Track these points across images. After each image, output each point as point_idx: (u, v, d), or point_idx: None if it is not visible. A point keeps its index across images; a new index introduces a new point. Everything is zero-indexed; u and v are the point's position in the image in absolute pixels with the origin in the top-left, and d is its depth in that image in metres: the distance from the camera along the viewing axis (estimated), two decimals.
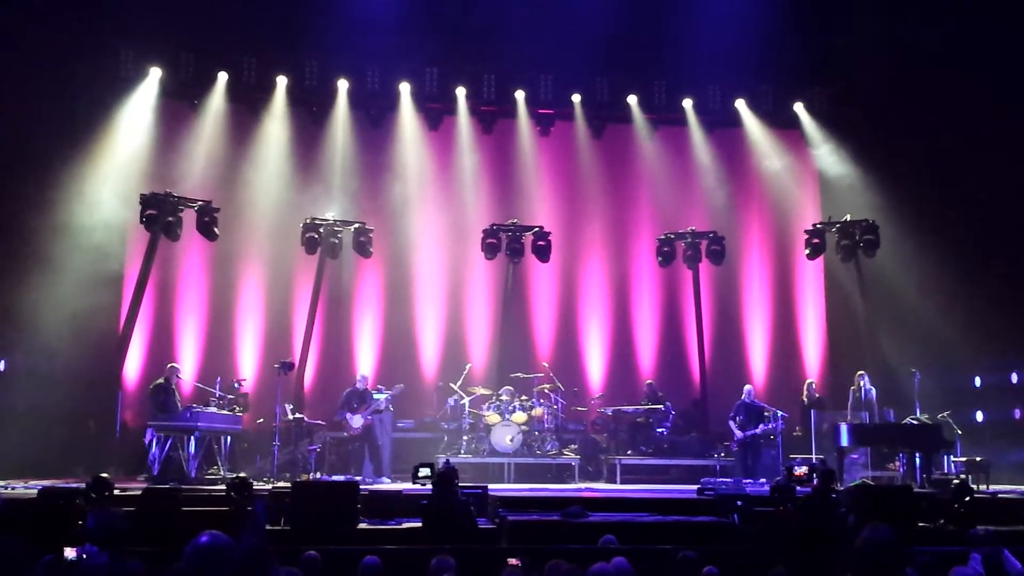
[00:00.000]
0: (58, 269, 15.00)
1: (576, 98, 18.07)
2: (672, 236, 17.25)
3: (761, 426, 14.87)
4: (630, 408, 15.95)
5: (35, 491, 9.45)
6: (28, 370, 14.95)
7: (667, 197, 18.36)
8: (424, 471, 10.26)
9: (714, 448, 15.65)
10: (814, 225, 17.10)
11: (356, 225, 16.57)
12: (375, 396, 14.76)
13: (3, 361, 14.90)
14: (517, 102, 18.02)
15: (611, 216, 18.58)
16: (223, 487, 10.27)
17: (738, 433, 14.94)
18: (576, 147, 18.51)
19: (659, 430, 15.78)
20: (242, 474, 10.61)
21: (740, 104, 18.27)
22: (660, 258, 17.32)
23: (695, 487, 12.16)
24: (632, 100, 18.11)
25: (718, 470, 14.79)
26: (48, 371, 14.89)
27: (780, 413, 15.05)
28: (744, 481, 12.69)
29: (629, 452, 15.52)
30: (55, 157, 15.10)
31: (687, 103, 18.25)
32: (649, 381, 16.76)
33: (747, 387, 15.53)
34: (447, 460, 10.21)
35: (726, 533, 9.72)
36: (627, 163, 18.66)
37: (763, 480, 13.63)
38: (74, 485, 10.12)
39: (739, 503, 10.07)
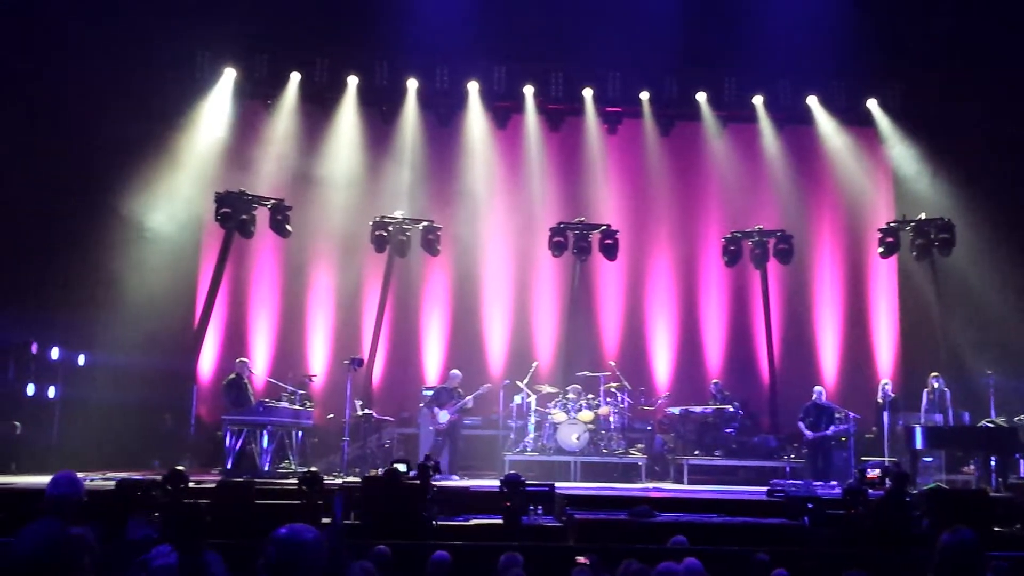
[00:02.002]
0: (136, 266, 15.46)
1: (644, 96, 17.94)
2: (739, 235, 17.07)
3: (832, 427, 14.66)
4: (698, 408, 15.82)
5: (113, 482, 9.70)
6: (107, 364, 15.35)
7: (736, 195, 18.17)
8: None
9: (783, 449, 15.42)
10: (888, 223, 16.76)
11: (424, 223, 16.69)
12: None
13: (83, 355, 15.33)
14: (585, 100, 17.95)
15: (679, 214, 18.45)
16: (295, 481, 10.44)
17: (808, 434, 14.74)
18: (644, 145, 18.39)
19: (727, 431, 15.63)
20: (313, 468, 10.78)
21: (812, 101, 17.97)
22: (726, 257, 17.17)
23: (764, 489, 12.04)
24: (701, 97, 17.92)
25: (788, 472, 14.59)
26: (126, 365, 15.26)
27: (852, 414, 14.81)
28: (815, 483, 12.54)
29: (696, 452, 15.40)
30: (134, 157, 15.48)
31: (757, 100, 17.99)
32: (715, 381, 16.62)
33: (817, 388, 15.30)
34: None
35: (796, 536, 9.61)
36: (695, 161, 18.50)
37: (834, 482, 13.41)
38: (151, 477, 10.37)
39: (810, 505, 9.96)
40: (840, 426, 14.67)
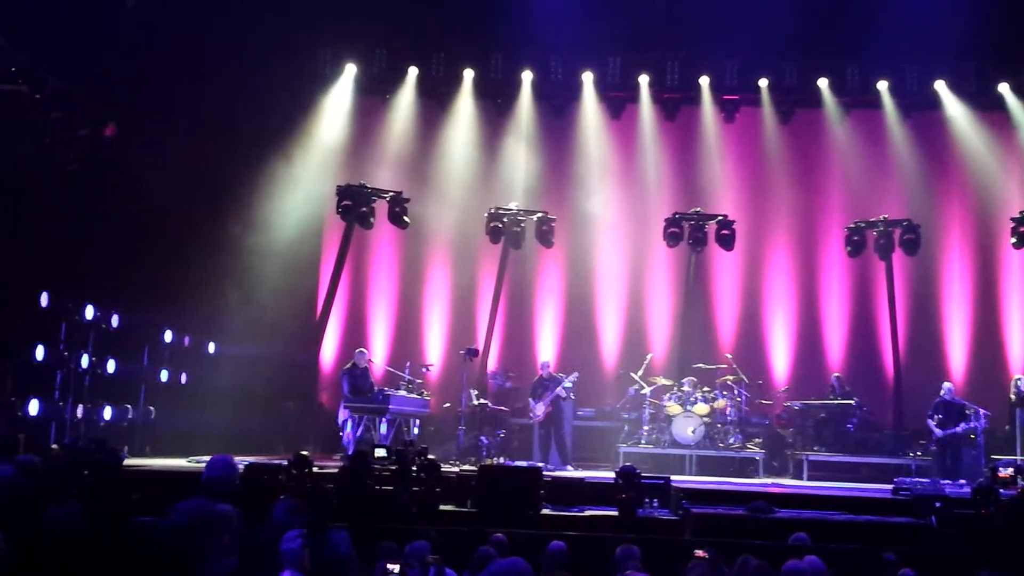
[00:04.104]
0: (261, 258, 16.00)
1: (763, 83, 17.57)
2: (863, 224, 16.52)
3: (962, 425, 14.09)
4: (819, 402, 15.46)
5: (241, 466, 10.05)
6: (234, 353, 15.91)
7: (858, 184, 17.66)
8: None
9: (908, 446, 14.94)
10: (1021, 212, 16.01)
11: (539, 215, 16.74)
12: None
13: (212, 344, 15.93)
14: (701, 88, 17.69)
15: (798, 204, 18.01)
16: (413, 468, 10.61)
17: (937, 432, 14.20)
18: (762, 133, 18.02)
19: (848, 426, 15.23)
20: (431, 456, 10.94)
21: (940, 85, 17.27)
22: (849, 247, 16.66)
23: (887, 487, 11.69)
24: (823, 83, 17.44)
25: (913, 469, 14.12)
26: (252, 354, 15.81)
27: (982, 411, 14.23)
28: (942, 482, 12.11)
29: (816, 448, 15.05)
30: (259, 152, 16.02)
31: (882, 85, 17.38)
32: (837, 375, 16.19)
33: (946, 384, 14.72)
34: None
35: (923, 535, 9.31)
36: (816, 149, 18.05)
37: (963, 481, 12.93)
38: (276, 461, 10.70)
39: (937, 504, 9.61)
40: (970, 423, 14.10)
